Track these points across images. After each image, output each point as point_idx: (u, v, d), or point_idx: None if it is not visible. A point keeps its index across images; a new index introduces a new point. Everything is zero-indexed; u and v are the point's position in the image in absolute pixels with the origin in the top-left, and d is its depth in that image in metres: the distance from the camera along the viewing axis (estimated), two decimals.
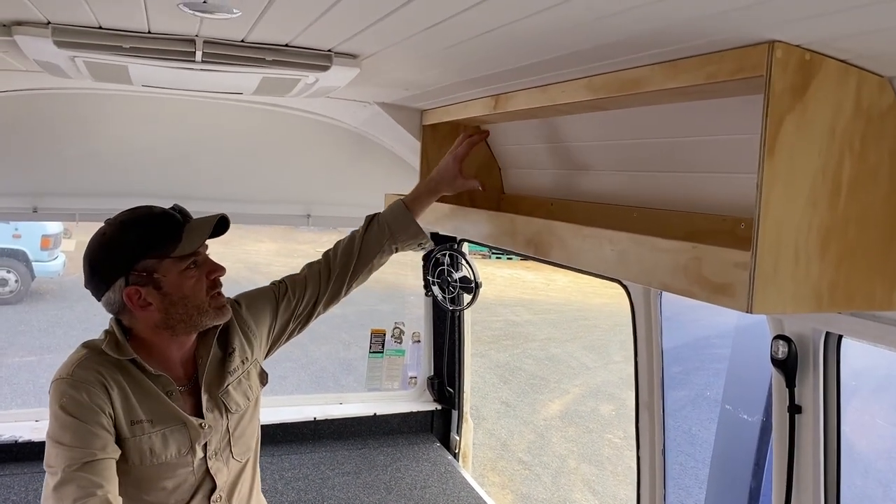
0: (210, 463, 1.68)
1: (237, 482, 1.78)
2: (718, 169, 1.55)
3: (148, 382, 1.61)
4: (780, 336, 1.65)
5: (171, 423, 1.62)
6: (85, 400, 1.51)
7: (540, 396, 8.90)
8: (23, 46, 1.51)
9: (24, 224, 9.69)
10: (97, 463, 1.47)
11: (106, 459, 1.49)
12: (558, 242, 1.57)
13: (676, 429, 5.68)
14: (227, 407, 1.72)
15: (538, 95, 1.72)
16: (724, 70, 1.15)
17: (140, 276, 1.57)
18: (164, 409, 1.62)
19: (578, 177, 2.08)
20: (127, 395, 1.57)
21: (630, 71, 1.38)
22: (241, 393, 1.77)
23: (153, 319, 1.61)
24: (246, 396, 1.78)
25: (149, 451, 1.58)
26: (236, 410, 1.75)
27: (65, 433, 1.48)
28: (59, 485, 1.44)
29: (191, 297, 1.60)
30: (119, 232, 1.59)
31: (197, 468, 1.66)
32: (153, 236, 1.58)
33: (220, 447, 1.71)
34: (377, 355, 3.59)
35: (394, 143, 2.94)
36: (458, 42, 1.39)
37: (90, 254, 1.61)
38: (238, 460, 1.77)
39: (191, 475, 1.66)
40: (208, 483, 1.69)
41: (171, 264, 1.58)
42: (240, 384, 1.78)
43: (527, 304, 13.98)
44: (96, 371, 1.55)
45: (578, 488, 6.52)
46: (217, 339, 1.75)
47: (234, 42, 1.54)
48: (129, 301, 1.57)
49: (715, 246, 1.13)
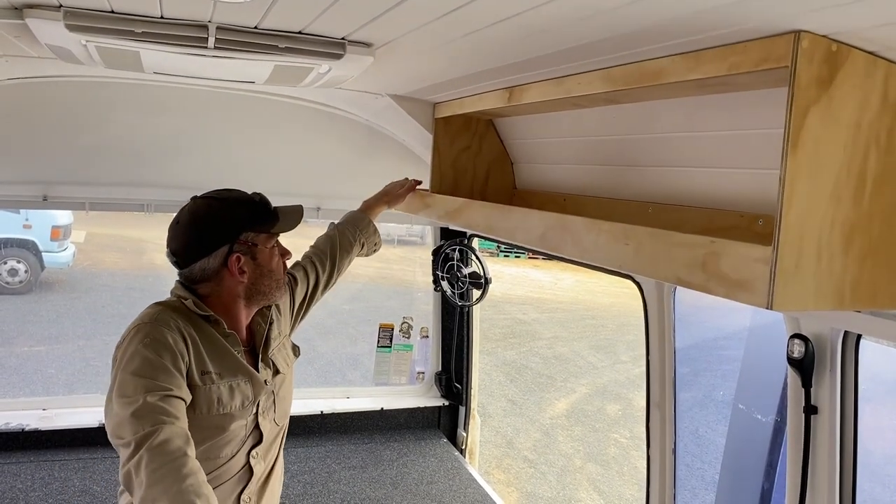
0: (260, 419, 1.83)
1: (272, 445, 1.92)
2: (736, 164, 1.52)
3: (219, 338, 1.76)
4: (797, 335, 1.62)
5: (239, 376, 1.77)
6: (167, 341, 1.64)
7: (546, 395, 8.88)
8: (35, 30, 1.50)
9: (34, 214, 9.72)
10: (173, 399, 1.56)
11: (180, 399, 1.58)
12: (572, 237, 1.55)
13: (684, 430, 5.65)
14: (276, 366, 1.90)
15: (553, 88, 1.70)
16: (748, 61, 1.13)
17: (244, 245, 1.76)
18: (234, 364, 1.77)
19: (592, 172, 2.05)
20: (199, 347, 1.71)
21: (649, 62, 1.35)
22: (282, 357, 1.96)
23: (239, 287, 1.79)
24: (286, 362, 1.97)
25: (216, 401, 1.71)
26: (282, 370, 1.93)
27: (145, 367, 1.57)
28: (138, 410, 1.49)
29: (275, 271, 1.82)
30: (227, 204, 1.78)
31: (250, 422, 1.81)
32: (258, 212, 1.79)
33: (267, 405, 1.87)
34: (385, 349, 3.58)
35: (405, 135, 2.92)
36: (474, 31, 1.37)
37: (195, 221, 1.76)
38: (277, 424, 1.93)
39: (244, 428, 1.79)
40: (254, 437, 1.83)
41: (266, 239, 1.79)
42: (280, 351, 1.97)
43: (534, 303, 13.96)
44: (175, 320, 1.70)
45: (584, 487, 6.49)
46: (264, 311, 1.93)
47: (247, 28, 1.52)
48: (232, 266, 1.75)
49: (734, 241, 1.11)
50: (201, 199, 1.80)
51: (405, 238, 15.08)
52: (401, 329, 3.59)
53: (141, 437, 1.45)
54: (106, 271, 11.65)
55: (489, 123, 2.47)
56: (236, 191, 1.83)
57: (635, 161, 1.85)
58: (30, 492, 2.67)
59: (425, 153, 2.61)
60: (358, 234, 2.37)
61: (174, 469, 1.40)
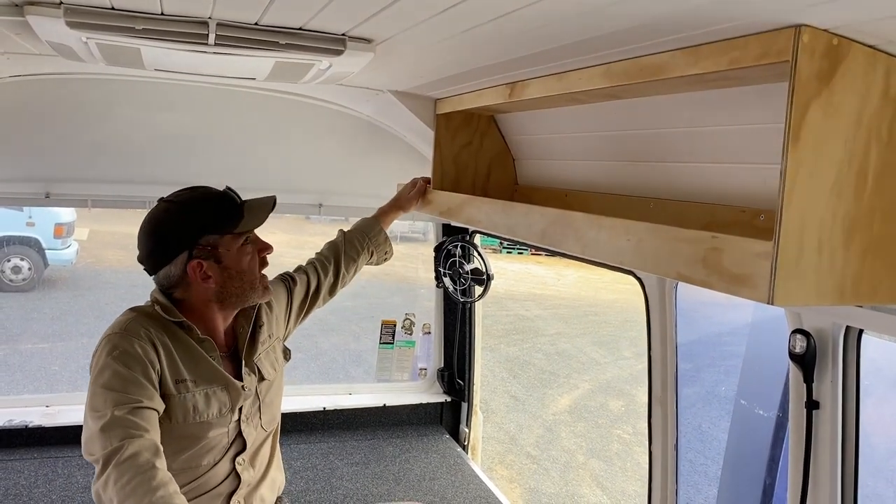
0: (243, 426, 1.81)
1: (259, 450, 1.89)
2: (737, 159, 1.52)
3: (193, 345, 1.73)
4: (799, 330, 1.62)
5: (215, 383, 1.74)
6: (136, 352, 1.60)
7: (549, 391, 8.88)
8: (35, 27, 1.50)
9: (37, 212, 9.73)
10: (143, 410, 1.54)
11: (151, 409, 1.57)
12: (573, 233, 1.55)
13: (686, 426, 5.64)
14: (260, 372, 1.86)
15: (554, 83, 1.69)
16: (749, 55, 1.12)
17: (204, 250, 1.69)
18: (209, 370, 1.73)
19: (594, 167, 2.05)
20: (172, 355, 1.68)
21: (650, 57, 1.35)
22: (269, 363, 1.92)
23: (209, 292, 1.73)
24: (273, 367, 1.93)
25: (192, 409, 1.68)
26: (268, 377, 1.89)
27: (114, 380, 1.56)
28: (106, 425, 1.49)
29: (247, 272, 1.75)
30: (183, 208, 1.71)
31: (231, 429, 1.78)
32: (218, 212, 1.70)
33: (252, 412, 1.84)
34: (387, 346, 3.58)
35: (406, 132, 2.92)
36: (473, 26, 1.36)
37: (153, 229, 1.71)
38: (265, 429, 1.89)
39: (225, 436, 1.77)
40: (238, 445, 1.81)
41: (230, 240, 1.72)
42: (268, 355, 1.92)
43: (537, 299, 13.96)
44: (146, 329, 1.66)
45: (587, 483, 6.50)
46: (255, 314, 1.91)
47: (247, 25, 1.52)
48: (193, 274, 1.69)
49: (735, 236, 1.11)
50: (162, 204, 1.73)
51: (408, 235, 15.08)
52: (403, 325, 3.60)
53: (109, 453, 1.45)
54: (109, 269, 11.66)
55: (490, 119, 2.47)
56: (201, 189, 1.75)
57: (637, 156, 1.85)
58: (33, 488, 2.68)
59: (427, 149, 2.61)
60: (367, 241, 2.34)
61: (143, 482, 1.40)
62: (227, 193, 1.75)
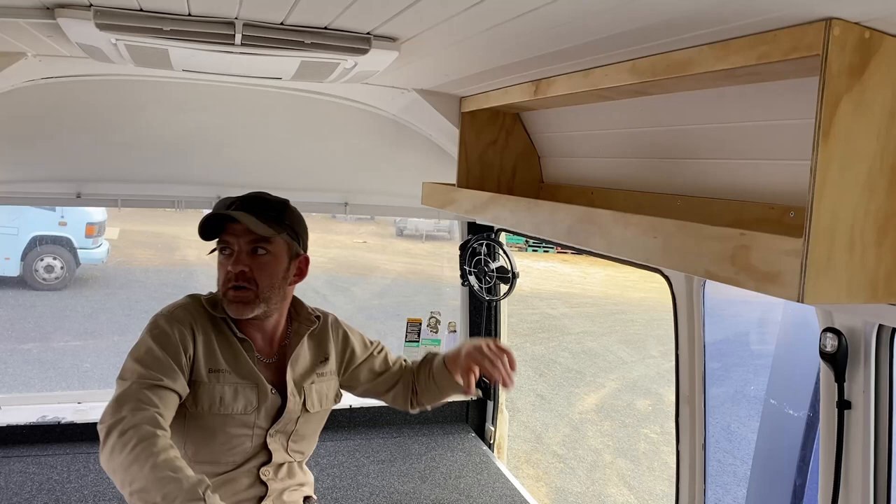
0: (269, 438, 1.83)
1: (287, 469, 1.91)
2: (766, 155, 1.49)
3: (234, 341, 1.80)
4: (830, 329, 1.60)
5: (245, 379, 1.79)
6: (173, 336, 1.70)
7: (575, 390, 8.85)
8: (66, 29, 1.52)
9: (69, 212, 9.91)
10: (162, 389, 1.62)
11: (170, 391, 1.64)
12: (599, 231, 1.53)
13: (715, 425, 5.58)
14: (306, 399, 1.89)
15: (580, 80, 1.68)
16: (778, 50, 1.11)
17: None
18: (242, 367, 1.79)
19: (620, 164, 2.04)
20: (212, 344, 1.77)
21: (677, 53, 1.34)
22: (318, 395, 1.94)
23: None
24: (320, 401, 1.95)
25: (218, 400, 1.74)
26: (311, 408, 1.91)
27: (146, 356, 1.66)
28: (122, 394, 1.58)
29: (218, 281, 1.81)
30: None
31: (256, 435, 1.81)
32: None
33: (283, 430, 1.86)
34: (413, 344, 3.58)
35: (431, 130, 2.92)
36: (499, 23, 1.36)
37: None
38: (290, 455, 1.90)
39: (249, 439, 1.80)
40: (263, 455, 1.84)
41: (218, 250, 1.80)
42: (321, 388, 1.95)
43: (563, 297, 13.91)
44: (192, 316, 1.77)
45: (614, 482, 6.46)
46: (317, 340, 1.97)
47: (273, 24, 1.53)
48: None
49: (764, 233, 1.09)
50: None
51: (433, 233, 15.11)
52: (428, 324, 3.60)
53: (113, 422, 1.51)
54: (139, 267, 11.85)
55: (516, 117, 2.46)
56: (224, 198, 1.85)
57: (664, 153, 1.83)
58: (66, 483, 2.73)
59: (452, 147, 2.61)
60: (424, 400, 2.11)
61: (146, 448, 1.44)
62: (218, 202, 1.83)
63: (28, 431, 3.01)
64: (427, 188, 2.62)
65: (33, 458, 2.90)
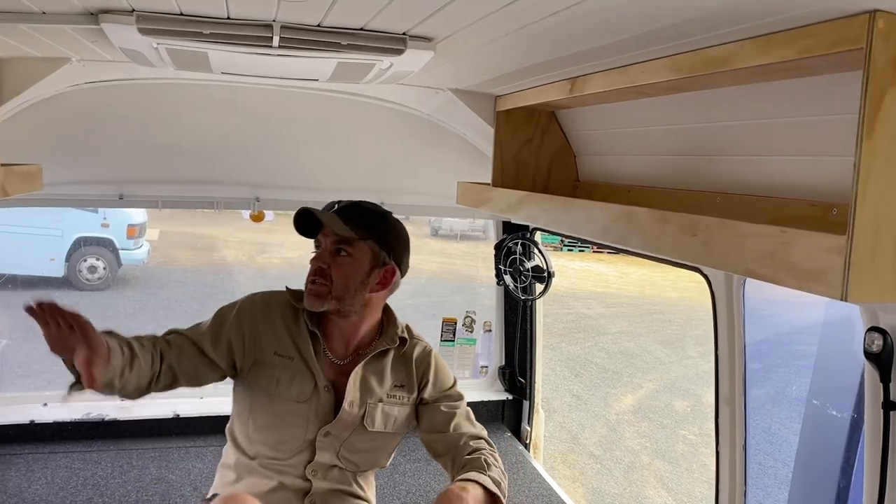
0: (319, 438, 1.87)
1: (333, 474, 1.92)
2: (808, 152, 1.47)
3: (305, 332, 1.90)
4: (875, 328, 1.56)
5: (304, 368, 1.87)
6: (231, 317, 1.90)
7: (612, 390, 8.78)
8: (109, 34, 1.56)
9: (111, 214, 10.11)
10: (186, 338, 1.87)
11: (190, 342, 1.86)
12: (637, 229, 1.52)
13: (756, 427, 5.50)
14: (366, 415, 1.91)
15: (617, 77, 1.67)
16: (821, 44, 1.08)
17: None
18: (305, 357, 1.88)
19: (658, 162, 2.02)
20: (283, 331, 1.89)
21: (716, 48, 1.32)
22: (382, 416, 1.93)
23: None
24: (384, 422, 1.94)
25: (275, 382, 1.85)
26: (369, 426, 1.91)
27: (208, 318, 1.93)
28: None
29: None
30: None
31: (309, 430, 1.86)
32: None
33: (336, 435, 1.88)
34: (448, 344, 3.59)
35: (466, 129, 2.92)
36: (534, 21, 1.36)
37: None
38: (340, 462, 1.91)
39: (302, 431, 1.86)
40: (309, 454, 1.88)
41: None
42: (389, 410, 1.95)
43: (599, 297, 13.80)
44: (276, 306, 1.92)
45: (651, 484, 6.40)
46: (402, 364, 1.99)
47: (310, 27, 1.54)
48: None
49: (806, 230, 1.07)
50: None
51: (468, 233, 15.09)
52: (464, 323, 3.60)
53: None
54: (178, 268, 12.03)
55: (551, 115, 2.45)
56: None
57: (703, 150, 1.80)
58: (110, 479, 2.79)
59: (486, 147, 2.61)
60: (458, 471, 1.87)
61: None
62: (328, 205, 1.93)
63: (73, 428, 3.09)
64: (462, 188, 2.62)
65: (79, 453, 2.97)
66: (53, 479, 2.75)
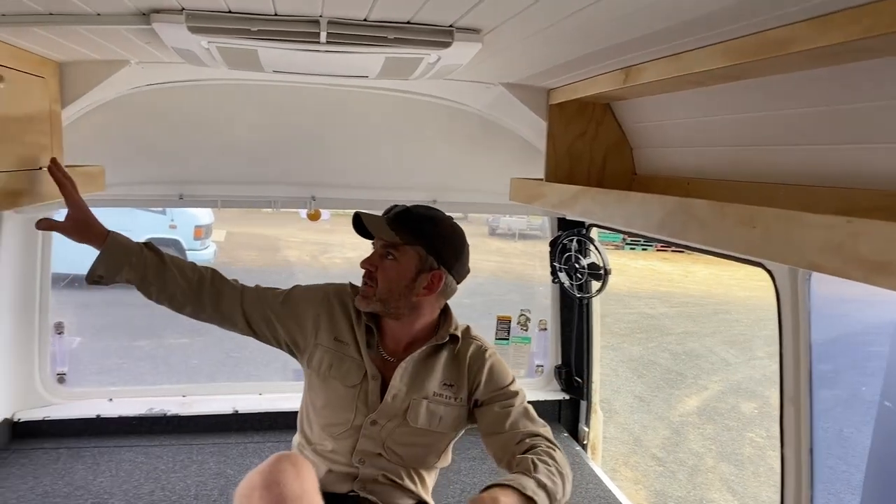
0: (366, 426, 1.90)
1: (380, 463, 1.94)
2: (880, 139, 1.39)
3: (362, 326, 1.96)
4: None
5: (357, 356, 1.93)
6: (311, 297, 2.00)
7: (676, 392, 8.58)
8: (160, 33, 1.58)
9: (178, 215, 10.40)
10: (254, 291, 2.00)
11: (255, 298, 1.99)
12: (695, 222, 1.46)
13: (826, 430, 5.29)
14: (410, 409, 1.91)
15: (671, 65, 1.62)
16: (884, 22, 1.02)
17: None
18: (358, 347, 1.94)
19: (717, 153, 1.95)
20: (344, 321, 1.97)
21: (772, 31, 1.26)
22: (427, 413, 1.92)
23: None
24: (428, 420, 1.92)
25: (328, 365, 1.93)
26: (412, 422, 1.91)
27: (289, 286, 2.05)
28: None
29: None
30: None
31: (355, 416, 1.90)
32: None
33: (381, 425, 1.91)
34: (503, 342, 3.55)
35: (519, 124, 2.89)
36: (582, 7, 1.32)
37: None
38: (385, 453, 1.93)
39: (352, 414, 1.90)
40: (353, 439, 1.91)
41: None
42: (435, 408, 1.93)
43: (663, 297, 13.53)
44: (344, 297, 2.00)
45: (716, 487, 6.22)
46: (456, 363, 1.97)
47: (356, 21, 1.54)
48: None
49: (875, 220, 1.00)
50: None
51: (526, 232, 15.00)
52: (518, 322, 3.56)
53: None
54: (243, 267, 12.29)
55: (606, 107, 2.39)
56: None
57: (763, 140, 1.73)
58: (171, 473, 2.85)
59: (539, 141, 2.56)
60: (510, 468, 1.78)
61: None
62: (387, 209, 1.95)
63: (137, 423, 3.17)
64: (515, 183, 2.59)
65: (142, 448, 3.04)
66: (118, 473, 2.82)
